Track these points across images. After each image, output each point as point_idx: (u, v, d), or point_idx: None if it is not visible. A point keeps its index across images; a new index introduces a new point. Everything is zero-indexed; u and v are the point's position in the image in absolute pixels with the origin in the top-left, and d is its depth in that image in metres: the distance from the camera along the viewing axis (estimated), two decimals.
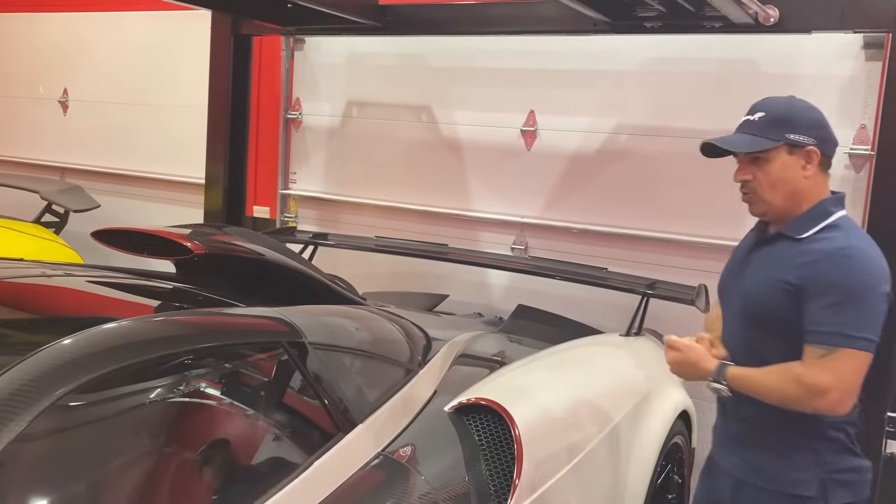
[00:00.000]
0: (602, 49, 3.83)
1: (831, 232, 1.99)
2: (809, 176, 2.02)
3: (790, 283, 1.96)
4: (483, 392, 2.23)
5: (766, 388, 1.98)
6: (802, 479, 2.02)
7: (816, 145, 2.01)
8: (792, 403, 1.95)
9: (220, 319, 1.78)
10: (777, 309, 1.99)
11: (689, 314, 3.27)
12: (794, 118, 2.03)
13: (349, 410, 1.87)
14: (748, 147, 2.07)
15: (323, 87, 4.63)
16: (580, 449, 2.36)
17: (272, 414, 1.86)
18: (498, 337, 3.34)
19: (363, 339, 2.23)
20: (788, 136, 2.01)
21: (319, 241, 3.93)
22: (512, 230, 4.14)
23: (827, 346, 1.89)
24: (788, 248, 2.02)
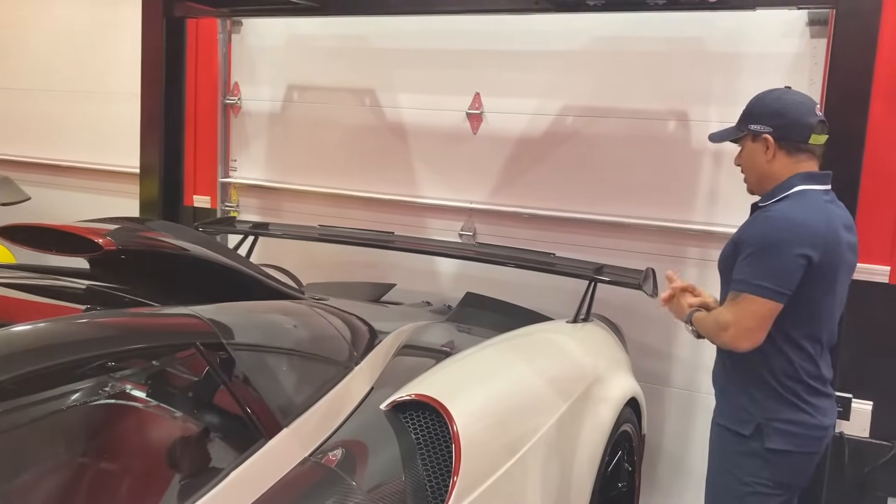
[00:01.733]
0: (547, 29, 3.74)
1: (782, 201, 2.26)
2: (771, 160, 2.30)
3: (733, 240, 2.31)
4: (421, 388, 2.14)
5: (702, 325, 2.34)
6: (742, 420, 2.32)
7: (772, 133, 2.28)
8: (713, 339, 2.31)
9: (124, 321, 1.65)
10: (726, 265, 2.32)
11: (638, 298, 3.22)
12: (756, 109, 2.35)
13: (273, 414, 1.76)
14: (719, 138, 2.48)
15: (262, 71, 4.47)
16: (524, 442, 2.28)
17: (188, 420, 1.74)
18: (445, 326, 3.25)
19: (292, 336, 2.12)
20: (750, 126, 2.34)
21: (260, 232, 3.79)
22: (460, 216, 4.05)
23: (735, 292, 2.23)
24: (755, 216, 2.32)
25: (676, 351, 3.61)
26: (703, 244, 3.52)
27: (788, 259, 2.16)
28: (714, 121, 3.46)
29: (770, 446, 2.28)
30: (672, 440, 3.65)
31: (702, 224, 3.51)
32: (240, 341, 1.81)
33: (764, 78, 3.37)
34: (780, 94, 2.37)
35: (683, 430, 3.63)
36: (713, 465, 2.48)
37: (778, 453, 2.28)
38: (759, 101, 2.37)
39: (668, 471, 3.67)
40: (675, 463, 3.65)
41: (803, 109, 2.28)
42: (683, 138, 3.54)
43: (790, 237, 2.17)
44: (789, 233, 2.18)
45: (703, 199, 3.52)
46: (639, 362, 3.44)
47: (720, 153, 3.47)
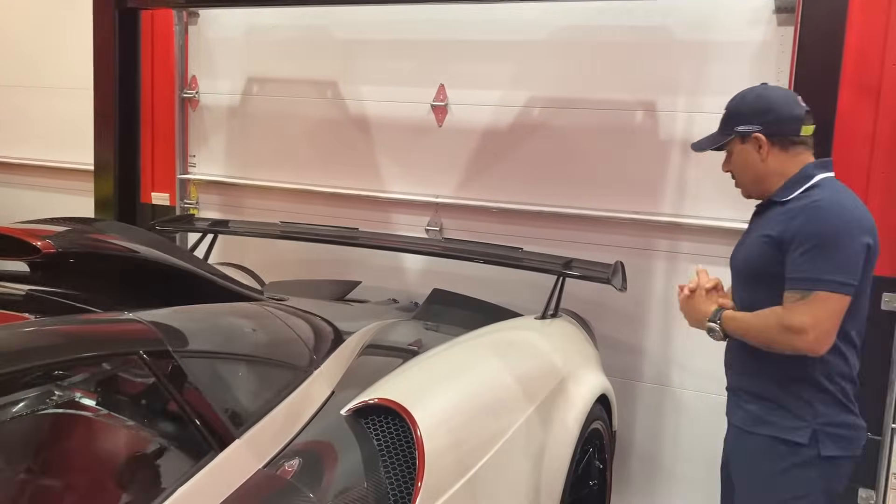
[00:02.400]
0: (512, 18, 3.66)
1: (812, 191, 2.16)
2: (766, 158, 2.22)
3: (769, 237, 2.14)
4: (383, 392, 2.06)
5: (753, 329, 2.14)
6: (796, 427, 2.15)
7: (762, 130, 2.20)
8: (774, 344, 2.10)
9: (59, 329, 1.54)
10: (760, 262, 2.17)
11: (608, 292, 3.16)
12: (740, 109, 2.26)
13: (224, 424, 1.66)
14: (704, 146, 2.36)
15: (221, 64, 4.34)
16: (492, 444, 2.21)
17: (133, 433, 1.64)
18: (411, 324, 3.17)
19: (245, 340, 2.02)
20: (737, 127, 2.24)
21: (219, 230, 3.67)
22: (426, 211, 3.96)
23: (802, 290, 2.05)
24: (774, 211, 2.20)
25: (646, 345, 3.56)
26: (672, 236, 3.47)
27: (853, 249, 2.05)
28: (681, 111, 3.43)
29: (826, 454, 2.13)
30: (643, 435, 3.60)
31: (670, 216, 3.46)
32: (188, 347, 1.71)
33: (731, 66, 3.33)
34: (760, 90, 2.29)
35: (654, 425, 3.59)
36: (753, 483, 2.25)
37: (832, 461, 2.14)
38: (741, 102, 2.28)
39: (639, 466, 3.63)
40: (646, 458, 3.61)
41: (788, 102, 2.22)
42: (651, 129, 3.49)
43: (851, 225, 2.07)
44: (849, 221, 2.07)
45: (672, 191, 3.47)
46: (609, 357, 3.39)
47: (688, 144, 3.41)
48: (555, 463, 2.49)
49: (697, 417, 3.49)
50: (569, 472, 2.53)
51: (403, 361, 2.45)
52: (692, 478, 3.52)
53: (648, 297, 3.54)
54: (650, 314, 3.54)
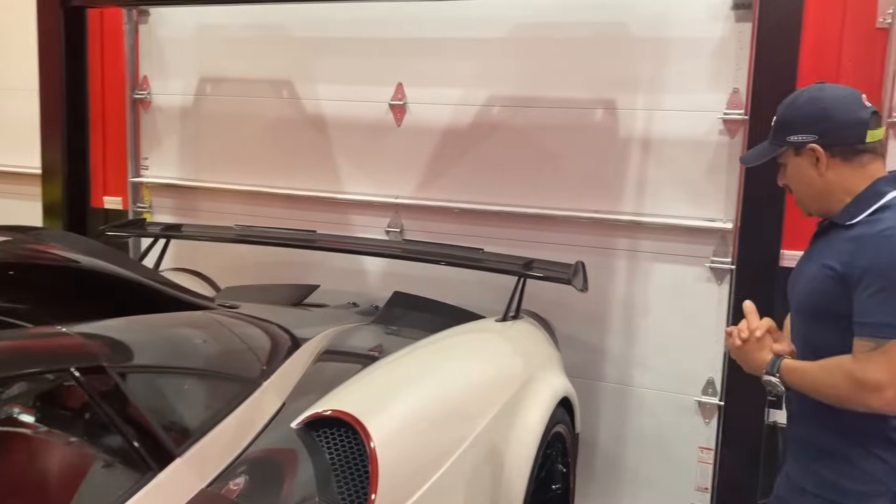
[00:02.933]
0: (471, 16, 3.60)
1: (881, 213, 1.84)
2: (825, 173, 1.92)
3: (833, 270, 1.84)
4: (336, 403, 1.99)
5: (818, 383, 1.85)
6: (870, 492, 1.85)
7: (818, 141, 1.90)
8: (845, 401, 1.81)
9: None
10: (825, 299, 1.87)
11: (570, 292, 3.12)
12: (790, 117, 1.97)
13: (163, 442, 1.58)
14: (754, 158, 2.10)
15: (173, 64, 4.22)
16: (450, 453, 2.15)
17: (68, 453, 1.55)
18: (371, 329, 3.10)
19: (189, 352, 1.94)
20: (789, 138, 1.95)
21: (172, 234, 3.56)
22: (386, 212, 3.89)
23: (876, 339, 1.75)
24: (837, 236, 1.89)
25: (609, 345, 3.53)
26: (633, 235, 3.44)
27: None
28: (641, 108, 3.40)
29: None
30: (607, 436, 3.57)
31: (631, 214, 3.43)
32: (125, 362, 1.63)
33: (690, 63, 3.31)
34: (814, 92, 1.97)
35: (618, 425, 3.56)
36: None
37: None
38: (790, 107, 1.98)
39: (603, 467, 3.60)
40: (610, 459, 3.58)
41: (849, 104, 1.90)
42: (611, 127, 3.45)
43: None
44: None
45: (632, 189, 3.44)
46: (571, 358, 3.35)
47: (648, 142, 3.40)
48: (516, 468, 2.44)
49: (660, 417, 3.47)
50: (530, 477, 2.47)
51: (362, 368, 2.39)
52: (656, 477, 3.50)
53: (610, 297, 3.51)
54: (612, 314, 3.51)
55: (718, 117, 3.25)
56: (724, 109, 3.26)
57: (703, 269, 3.33)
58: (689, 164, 3.34)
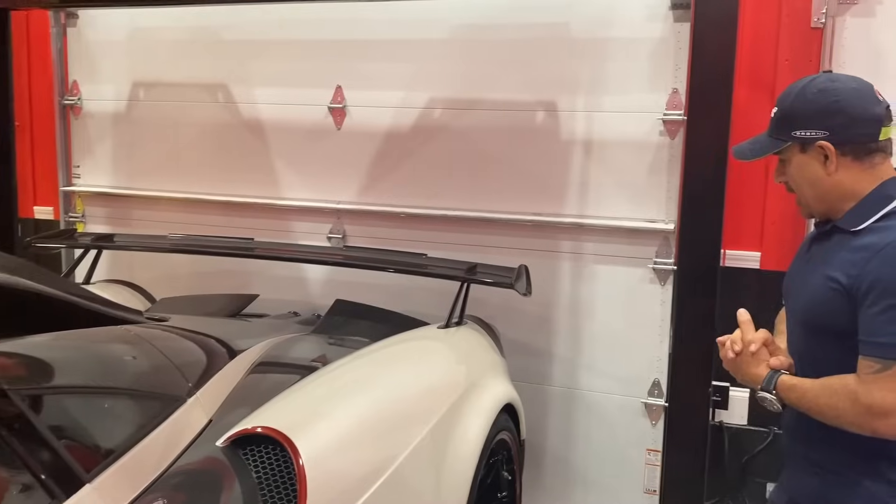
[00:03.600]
0: (409, 18, 3.55)
1: (889, 220, 1.71)
2: (834, 172, 1.76)
3: (838, 283, 1.70)
4: (263, 419, 1.90)
5: (819, 403, 1.72)
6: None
7: (828, 138, 1.74)
8: (848, 425, 1.69)
9: None
10: (827, 314, 1.74)
11: (515, 296, 3.07)
12: (798, 111, 1.78)
13: (71, 468, 1.48)
14: (755, 153, 1.87)
15: (104, 68, 4.08)
16: (387, 466, 2.07)
17: None
18: (310, 339, 3.01)
19: (106, 371, 1.84)
20: (794, 133, 1.78)
21: (103, 245, 3.43)
22: (328, 218, 3.80)
23: (884, 360, 1.63)
24: (841, 243, 1.75)
25: (555, 349, 3.50)
26: (576, 237, 3.42)
27: None
28: (581, 110, 3.37)
29: None
30: (555, 440, 3.54)
31: (574, 217, 3.40)
32: (30, 384, 1.53)
33: (630, 64, 3.30)
34: (824, 83, 1.79)
35: (566, 429, 3.53)
36: None
37: None
38: (799, 98, 1.79)
39: (552, 471, 3.56)
40: (559, 463, 3.55)
41: (864, 98, 1.75)
42: (552, 129, 3.42)
43: None
44: None
45: (575, 191, 3.41)
46: (518, 363, 3.31)
47: (590, 143, 3.38)
48: (457, 477, 2.37)
49: (607, 420, 3.45)
50: (472, 486, 2.42)
51: (298, 380, 2.30)
52: (604, 481, 3.48)
53: (556, 300, 3.48)
54: (557, 317, 3.48)
55: (658, 118, 3.25)
56: (663, 110, 3.25)
57: (647, 271, 3.32)
58: (630, 166, 3.32)
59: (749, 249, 3.23)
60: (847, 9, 3.00)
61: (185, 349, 2.19)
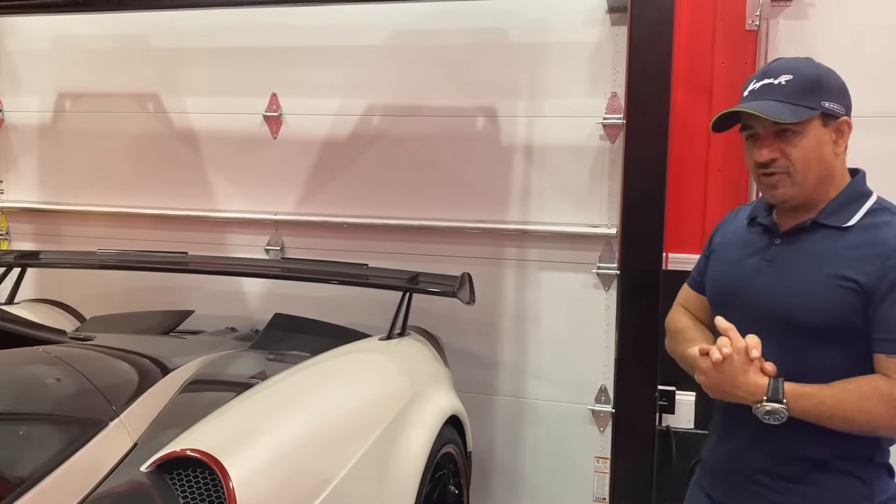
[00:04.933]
0: (345, 23, 3.48)
1: (882, 216, 1.69)
2: (840, 153, 1.73)
3: (856, 282, 1.63)
4: (191, 440, 1.80)
5: (846, 410, 1.61)
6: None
7: (847, 114, 1.71)
8: (881, 429, 1.62)
9: None
10: (840, 315, 1.65)
11: (459, 305, 3.01)
12: (826, 82, 1.70)
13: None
14: (790, 116, 1.67)
15: (27, 79, 3.92)
16: (326, 483, 1.98)
17: None
18: (248, 355, 2.90)
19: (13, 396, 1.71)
20: (825, 103, 1.68)
21: (27, 262, 3.27)
22: (265, 229, 3.70)
23: None
24: (834, 240, 1.69)
25: (501, 357, 3.45)
26: (520, 243, 3.38)
27: None
28: (522, 115, 3.34)
29: None
30: (503, 450, 3.48)
31: (517, 223, 3.36)
32: None
33: (568, 68, 3.28)
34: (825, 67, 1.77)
35: (514, 438, 3.47)
36: None
37: None
38: (823, 70, 1.72)
39: (500, 483, 3.50)
40: (507, 473, 3.49)
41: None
42: (493, 135, 3.38)
43: None
44: None
45: (517, 198, 3.37)
46: (464, 372, 3.26)
47: (531, 149, 3.34)
48: (400, 494, 2.29)
49: (555, 428, 3.41)
50: (417, 501, 2.34)
51: (233, 397, 2.20)
52: (554, 490, 3.44)
53: (501, 308, 3.43)
54: (503, 325, 3.43)
55: (598, 122, 3.23)
56: (603, 114, 3.24)
57: (591, 276, 3.29)
58: (572, 171, 3.30)
59: (691, 252, 3.20)
60: (780, 11, 3.03)
61: (109, 369, 2.07)
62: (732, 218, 2.00)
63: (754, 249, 1.82)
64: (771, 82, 1.70)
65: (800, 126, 1.68)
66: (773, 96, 1.69)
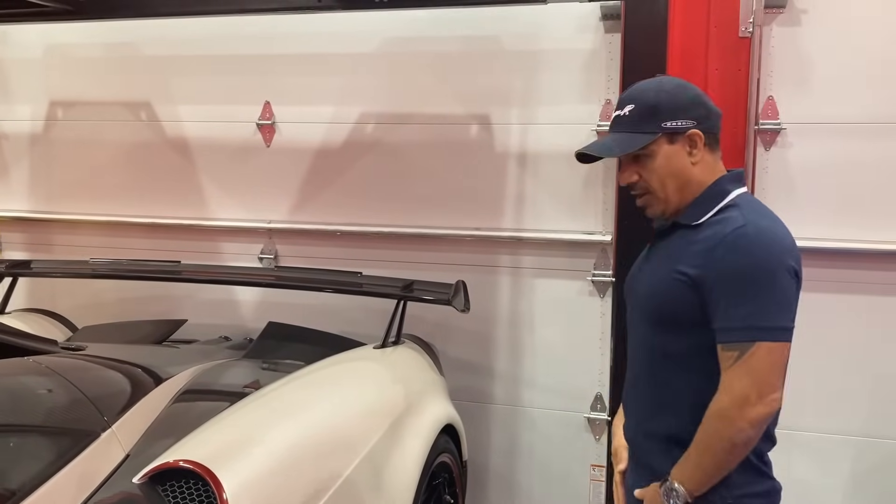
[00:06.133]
0: (339, 31, 3.47)
1: (728, 212, 1.77)
2: (698, 161, 1.81)
3: (686, 275, 1.73)
4: (184, 451, 1.78)
5: (707, 452, 1.67)
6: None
7: (697, 126, 1.79)
8: (730, 448, 1.65)
9: None
10: (676, 306, 1.75)
11: (453, 313, 2.99)
12: (665, 104, 1.80)
13: None
14: (624, 148, 1.82)
15: (18, 87, 3.90)
16: (321, 494, 1.97)
17: None
18: (242, 364, 2.89)
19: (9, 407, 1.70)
20: (665, 124, 1.78)
21: (19, 272, 3.25)
22: (258, 238, 3.68)
23: (740, 344, 1.65)
24: (684, 238, 1.80)
25: (496, 365, 3.44)
26: (515, 251, 3.37)
27: (789, 284, 1.68)
28: (515, 123, 3.34)
29: None
30: (498, 458, 3.47)
31: (512, 230, 3.35)
32: None
33: (562, 76, 3.28)
34: (675, 81, 1.89)
35: (509, 447, 3.46)
36: None
37: None
38: (661, 93, 1.82)
39: (496, 491, 3.48)
40: (503, 482, 3.48)
41: (705, 95, 1.86)
42: (487, 142, 3.38)
43: (783, 256, 1.68)
44: (780, 251, 1.69)
45: (512, 205, 3.37)
46: (458, 381, 3.25)
47: (525, 156, 3.34)
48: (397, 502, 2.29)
49: (551, 436, 3.40)
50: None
51: (227, 407, 2.18)
52: (550, 498, 3.42)
53: (495, 315, 3.42)
54: (498, 333, 3.42)
55: (592, 129, 3.23)
56: (597, 121, 3.23)
57: (586, 283, 3.29)
58: (566, 178, 3.29)
59: None
60: (773, 18, 3.04)
61: (101, 379, 2.06)
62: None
63: (647, 251, 1.99)
64: (619, 114, 1.85)
65: (647, 149, 1.79)
66: (620, 128, 1.84)
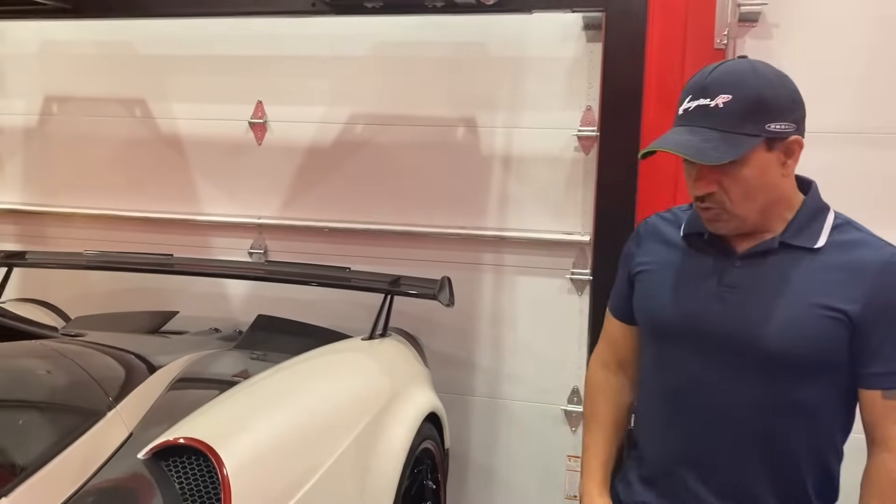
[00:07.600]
0: (331, 34, 3.58)
1: (848, 234, 1.52)
2: (789, 174, 1.52)
3: (841, 312, 1.46)
4: (186, 429, 1.89)
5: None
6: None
7: (797, 131, 1.49)
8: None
9: None
10: (824, 348, 1.48)
11: (438, 308, 3.11)
12: (772, 100, 1.46)
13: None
14: (723, 154, 1.45)
15: (13, 82, 3.97)
16: (311, 474, 2.08)
17: None
18: (231, 354, 2.99)
19: (17, 385, 1.80)
20: (770, 126, 1.45)
21: (14, 262, 3.32)
22: (249, 233, 3.78)
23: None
24: (807, 263, 1.50)
25: (478, 359, 3.56)
26: (497, 249, 3.49)
27: None
28: (500, 126, 3.46)
29: None
30: (478, 450, 3.59)
31: (495, 230, 3.48)
32: None
33: (546, 82, 3.40)
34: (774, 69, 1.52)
35: (489, 438, 3.58)
36: None
37: None
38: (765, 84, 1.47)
39: (475, 479, 3.61)
40: (482, 472, 3.60)
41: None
42: (473, 145, 3.50)
43: None
44: None
45: (495, 205, 3.49)
46: (441, 373, 3.36)
47: (509, 159, 3.47)
48: (381, 487, 2.40)
49: (529, 428, 3.52)
50: (397, 494, 2.44)
51: (219, 394, 2.29)
52: (527, 488, 3.55)
53: (478, 311, 3.55)
54: (480, 328, 3.55)
55: (573, 134, 3.36)
56: (578, 127, 3.36)
57: (565, 281, 3.42)
58: (548, 180, 3.42)
59: None
60: (747, 31, 3.18)
61: (104, 363, 2.16)
62: (657, 229, 1.77)
63: (704, 273, 1.60)
64: (706, 104, 1.47)
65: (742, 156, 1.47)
66: (707, 122, 1.47)
